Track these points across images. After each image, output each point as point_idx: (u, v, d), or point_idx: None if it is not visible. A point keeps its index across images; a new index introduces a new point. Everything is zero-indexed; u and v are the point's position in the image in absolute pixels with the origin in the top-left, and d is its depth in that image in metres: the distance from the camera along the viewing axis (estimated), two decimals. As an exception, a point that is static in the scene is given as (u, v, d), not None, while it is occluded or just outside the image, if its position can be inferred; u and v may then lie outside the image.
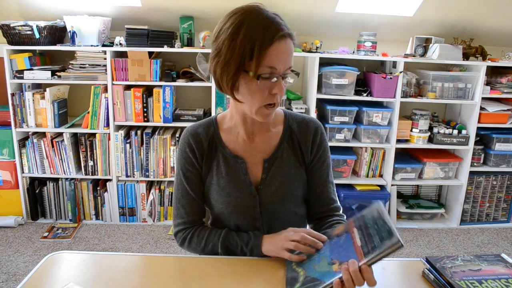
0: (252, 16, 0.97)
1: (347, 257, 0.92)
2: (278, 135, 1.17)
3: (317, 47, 2.80)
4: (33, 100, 2.72)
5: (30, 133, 2.81)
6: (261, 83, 0.98)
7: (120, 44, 2.69)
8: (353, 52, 2.88)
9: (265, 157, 1.15)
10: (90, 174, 2.88)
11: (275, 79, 0.98)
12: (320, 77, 2.80)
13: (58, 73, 2.73)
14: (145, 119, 2.81)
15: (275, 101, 1.02)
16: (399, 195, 3.23)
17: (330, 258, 0.95)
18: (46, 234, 2.74)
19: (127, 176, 2.88)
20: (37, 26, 2.59)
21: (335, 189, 1.24)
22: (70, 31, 2.68)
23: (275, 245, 1.05)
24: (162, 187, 2.94)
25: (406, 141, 2.96)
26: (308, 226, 1.26)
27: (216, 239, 1.13)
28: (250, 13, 0.98)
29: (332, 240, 1.02)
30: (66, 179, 2.88)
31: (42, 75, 2.68)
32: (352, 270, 0.87)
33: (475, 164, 3.01)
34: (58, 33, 2.77)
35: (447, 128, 2.95)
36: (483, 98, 2.86)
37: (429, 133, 2.93)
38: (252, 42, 0.95)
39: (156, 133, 2.87)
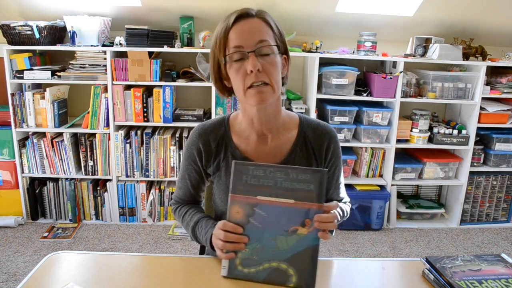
0: (229, 14, 1.04)
1: (297, 218, 0.95)
2: (291, 140, 1.15)
3: (317, 47, 2.80)
4: (33, 100, 2.72)
5: (30, 133, 2.81)
6: (232, 65, 1.01)
7: (120, 44, 2.69)
8: (353, 52, 2.88)
9: (276, 162, 1.13)
10: (90, 174, 2.88)
11: (246, 58, 0.99)
12: (320, 77, 2.80)
13: (58, 73, 2.73)
14: (145, 119, 2.81)
15: (254, 79, 0.99)
16: (399, 195, 3.23)
17: (284, 231, 0.96)
18: (46, 234, 2.74)
19: (127, 176, 2.88)
20: (37, 26, 2.59)
21: (344, 187, 1.27)
22: (70, 31, 2.68)
23: (214, 238, 1.03)
24: (162, 187, 2.94)
25: (406, 141, 2.96)
26: None
27: (189, 219, 1.17)
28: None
29: (250, 224, 0.97)
30: (66, 179, 2.88)
31: (42, 75, 2.68)
32: (324, 218, 0.94)
33: (475, 164, 3.01)
34: (58, 33, 2.77)
35: (447, 128, 2.95)
36: (483, 98, 2.86)
37: (429, 133, 2.93)
38: (217, 36, 1.03)
39: (156, 133, 2.87)
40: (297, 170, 0.95)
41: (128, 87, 2.79)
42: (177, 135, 2.89)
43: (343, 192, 1.26)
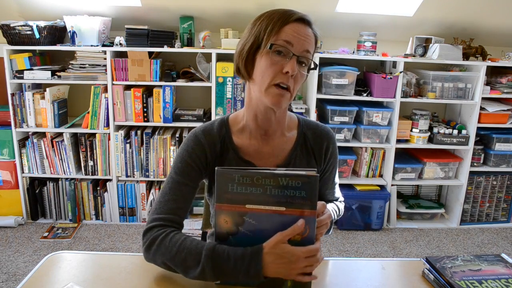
0: (275, 9, 1.03)
1: (290, 225, 0.91)
2: (292, 140, 1.14)
3: (317, 47, 2.80)
4: (33, 100, 2.72)
5: (30, 133, 2.81)
6: (273, 56, 0.98)
7: (120, 44, 2.69)
8: (353, 52, 2.88)
9: (278, 163, 1.12)
10: (90, 174, 2.88)
11: (289, 58, 0.97)
12: (320, 77, 2.80)
13: (58, 73, 2.73)
14: (145, 119, 2.81)
15: (285, 80, 0.98)
16: (399, 195, 3.23)
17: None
18: (46, 234, 2.74)
19: (127, 176, 2.88)
20: (37, 26, 2.59)
21: (338, 186, 1.28)
22: (70, 31, 2.68)
23: (284, 269, 0.90)
24: (162, 187, 2.93)
25: (406, 141, 2.96)
26: None
27: (194, 246, 0.93)
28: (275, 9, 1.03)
29: (240, 233, 0.92)
30: (66, 179, 2.88)
31: (42, 75, 2.68)
32: (321, 222, 0.96)
33: (475, 164, 3.01)
34: (58, 33, 2.77)
35: (447, 128, 2.95)
36: (483, 98, 2.86)
37: (429, 133, 2.93)
38: (269, 20, 0.99)
39: (156, 133, 2.87)
40: (288, 177, 0.89)
41: (128, 87, 2.79)
42: (177, 135, 2.88)
43: (338, 192, 1.28)
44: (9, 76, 2.66)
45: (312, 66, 1.04)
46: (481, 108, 2.89)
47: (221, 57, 2.83)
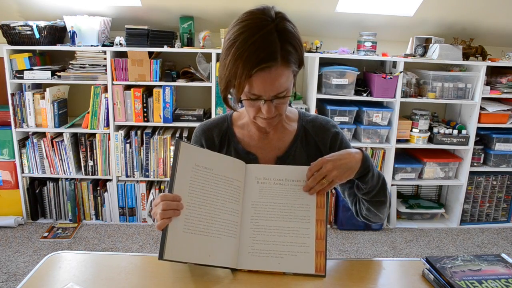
0: (246, 34, 0.92)
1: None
2: (292, 133, 1.17)
3: (317, 47, 2.80)
4: (33, 100, 2.72)
5: (30, 133, 2.81)
6: (248, 101, 1.00)
7: (120, 44, 2.69)
8: (353, 52, 2.88)
9: (278, 155, 1.15)
10: (90, 174, 2.88)
11: (263, 102, 0.98)
12: (320, 77, 2.80)
13: (58, 73, 2.73)
14: (145, 119, 2.81)
15: (266, 118, 1.01)
16: (399, 195, 3.23)
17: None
18: (46, 234, 2.74)
19: (127, 176, 2.88)
20: (37, 26, 2.59)
21: None
22: (70, 31, 2.68)
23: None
24: (162, 187, 2.94)
25: (406, 141, 2.96)
26: None
27: None
28: (248, 29, 0.92)
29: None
30: (66, 179, 2.88)
31: (42, 75, 2.68)
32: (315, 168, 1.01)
33: (475, 164, 3.01)
34: (58, 33, 2.77)
35: (447, 128, 2.95)
36: (483, 98, 2.86)
37: (429, 133, 2.93)
38: (235, 68, 0.93)
39: (156, 133, 2.87)
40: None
41: (128, 87, 2.79)
42: (177, 135, 2.88)
43: None
44: (9, 76, 2.66)
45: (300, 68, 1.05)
46: (481, 108, 2.89)
47: (221, 57, 2.83)
